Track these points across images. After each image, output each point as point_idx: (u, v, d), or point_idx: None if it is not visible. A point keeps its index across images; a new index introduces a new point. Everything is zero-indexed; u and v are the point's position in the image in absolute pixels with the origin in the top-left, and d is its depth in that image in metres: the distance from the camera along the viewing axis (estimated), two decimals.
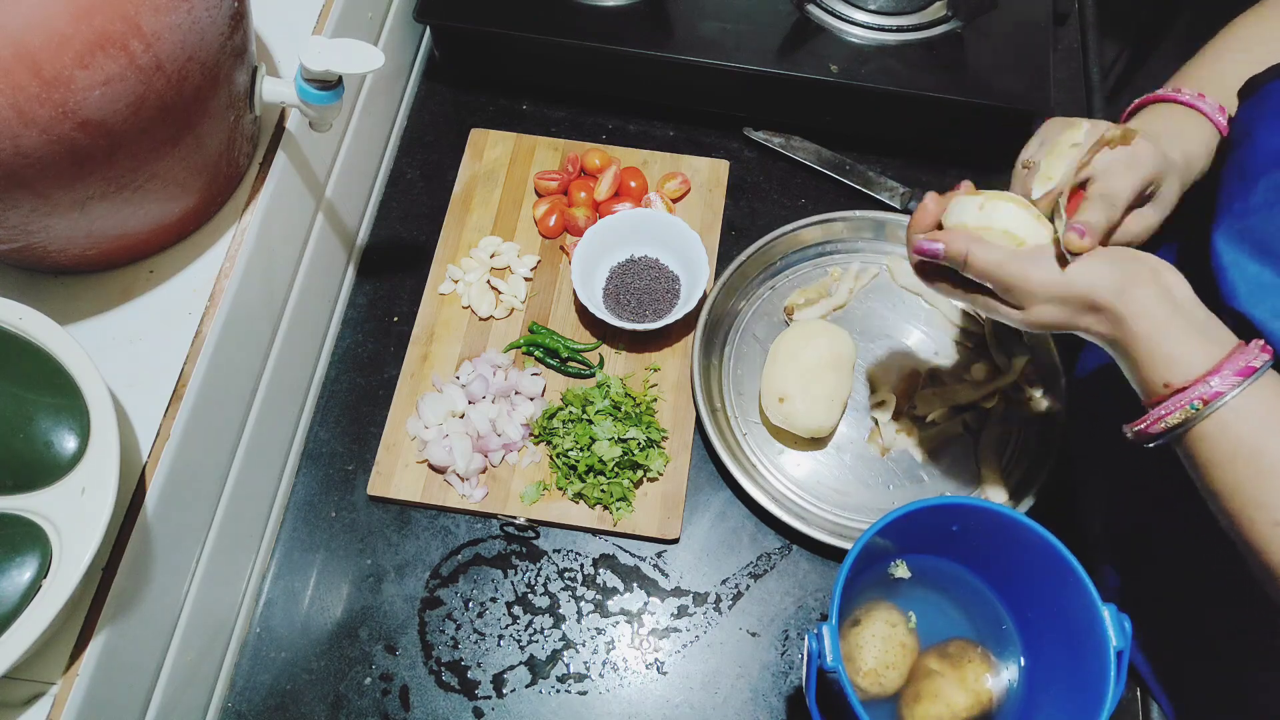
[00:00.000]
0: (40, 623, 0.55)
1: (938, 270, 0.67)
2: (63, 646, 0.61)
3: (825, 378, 0.87)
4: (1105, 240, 0.62)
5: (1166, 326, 0.56)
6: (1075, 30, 1.16)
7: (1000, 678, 0.73)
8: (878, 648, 0.72)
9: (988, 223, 0.63)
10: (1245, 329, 0.58)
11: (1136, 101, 0.71)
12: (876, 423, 0.91)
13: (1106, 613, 0.64)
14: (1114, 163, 0.62)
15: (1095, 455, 0.83)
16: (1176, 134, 0.66)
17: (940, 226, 0.67)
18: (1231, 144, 0.65)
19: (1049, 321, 0.61)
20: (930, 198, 0.67)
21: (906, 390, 0.92)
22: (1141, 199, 0.64)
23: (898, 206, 1.02)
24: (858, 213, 0.99)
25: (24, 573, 0.57)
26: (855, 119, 1.04)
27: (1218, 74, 0.69)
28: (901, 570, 0.76)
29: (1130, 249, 0.61)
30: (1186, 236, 0.69)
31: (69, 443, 0.59)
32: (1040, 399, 0.91)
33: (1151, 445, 0.59)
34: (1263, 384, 0.54)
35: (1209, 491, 0.57)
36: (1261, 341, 0.56)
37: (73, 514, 0.58)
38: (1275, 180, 0.59)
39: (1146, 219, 0.65)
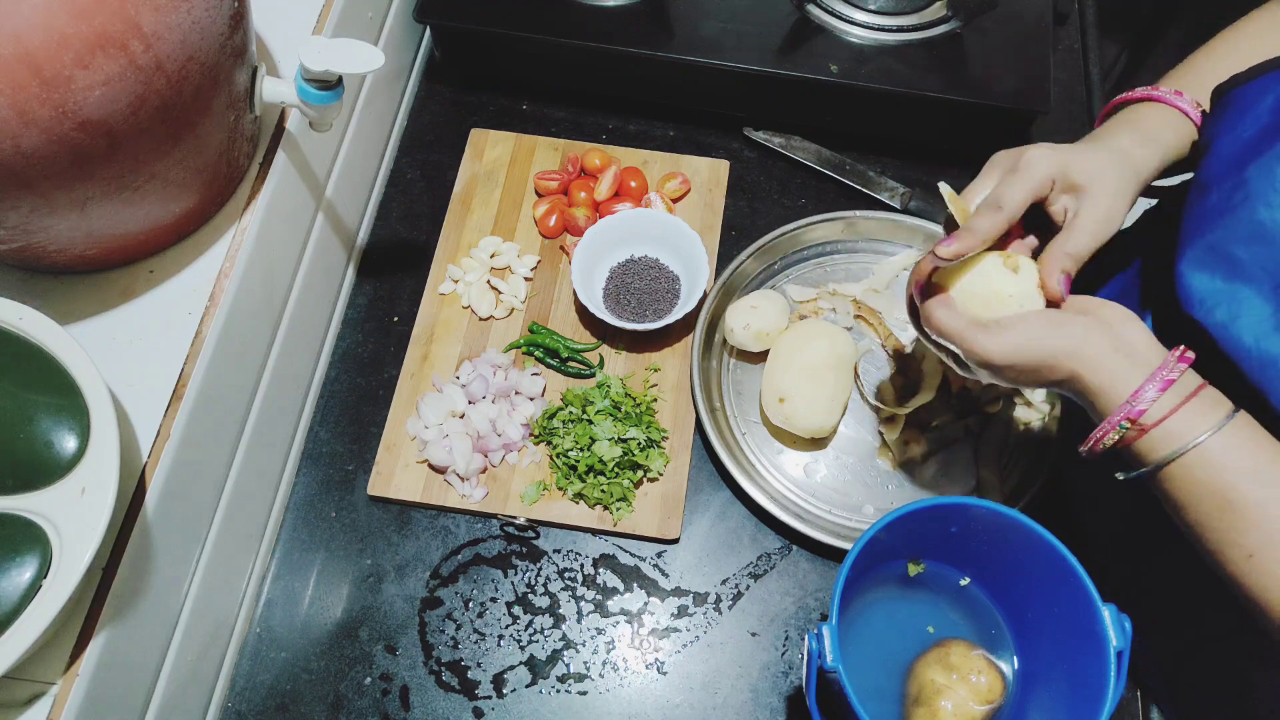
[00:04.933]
0: (40, 623, 0.55)
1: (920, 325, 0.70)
2: (63, 646, 0.61)
3: (825, 378, 0.87)
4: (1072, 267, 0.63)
5: (1119, 374, 0.58)
6: (1075, 30, 1.16)
7: (1000, 678, 0.73)
8: None
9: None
10: (1205, 338, 0.59)
11: (1114, 100, 0.71)
12: (884, 438, 0.91)
13: (1106, 613, 0.64)
14: (1005, 178, 0.65)
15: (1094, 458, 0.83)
16: (1138, 123, 0.67)
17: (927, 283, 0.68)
18: (1199, 155, 0.65)
19: (1011, 380, 0.64)
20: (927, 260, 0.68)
21: (904, 387, 0.92)
22: (1053, 199, 0.65)
23: (898, 206, 1.02)
24: (858, 213, 0.99)
25: (24, 573, 0.57)
26: (855, 119, 1.04)
27: (1200, 80, 0.69)
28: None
29: (1087, 300, 0.63)
30: (1157, 257, 0.69)
31: (69, 443, 0.59)
32: (1041, 403, 0.91)
33: (1124, 478, 0.61)
34: (1232, 427, 0.55)
35: (1185, 529, 0.58)
36: (1180, 350, 0.58)
37: (73, 514, 0.58)
38: (1228, 186, 0.59)
39: (1085, 216, 0.64)
